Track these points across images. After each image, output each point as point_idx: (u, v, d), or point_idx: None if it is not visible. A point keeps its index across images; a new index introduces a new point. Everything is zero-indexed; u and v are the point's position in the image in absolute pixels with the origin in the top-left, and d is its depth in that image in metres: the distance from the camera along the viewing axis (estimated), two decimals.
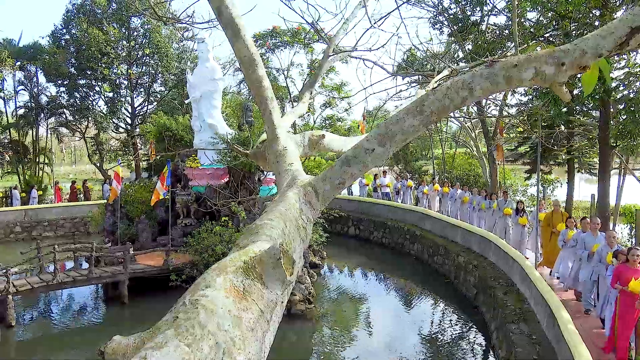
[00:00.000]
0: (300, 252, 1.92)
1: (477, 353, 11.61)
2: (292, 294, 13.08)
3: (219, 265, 1.45)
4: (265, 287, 1.44)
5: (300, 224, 1.94)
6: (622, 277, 7.54)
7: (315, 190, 2.18)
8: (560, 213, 12.77)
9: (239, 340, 1.26)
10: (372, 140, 2.19)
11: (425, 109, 2.11)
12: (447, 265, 16.56)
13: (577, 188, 23.62)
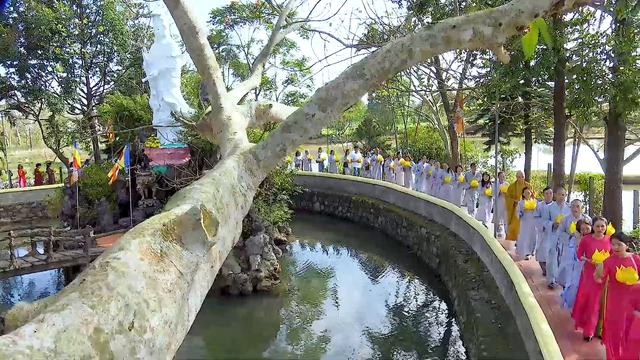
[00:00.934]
0: (238, 217, 1.89)
1: (441, 321, 11.93)
2: (257, 270, 13.12)
3: (136, 228, 1.41)
4: (185, 248, 1.41)
5: (238, 190, 1.91)
6: (588, 249, 7.43)
7: (256, 158, 2.14)
8: (524, 184, 12.67)
9: (153, 302, 1.23)
10: (312, 105, 2.16)
11: (365, 73, 2.09)
12: (411, 237, 16.85)
13: (535, 158, 24.22)
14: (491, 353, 7.70)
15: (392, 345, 10.60)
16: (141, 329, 1.17)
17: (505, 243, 12.60)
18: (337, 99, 2.12)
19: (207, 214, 1.47)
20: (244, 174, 2.03)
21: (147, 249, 1.31)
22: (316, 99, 2.17)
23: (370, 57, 2.10)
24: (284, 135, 2.17)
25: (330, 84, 2.17)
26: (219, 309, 12.62)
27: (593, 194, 16.00)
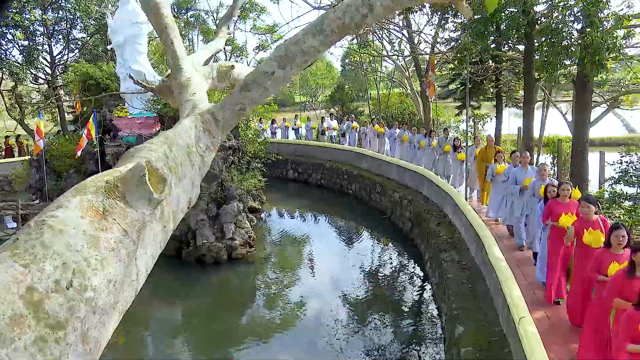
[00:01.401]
0: (194, 178, 1.85)
1: (415, 282, 12.19)
2: (232, 239, 13.12)
3: (77, 186, 1.36)
4: (129, 205, 1.37)
5: (195, 151, 1.86)
6: (553, 213, 7.36)
7: (214, 118, 2.09)
8: (494, 148, 12.58)
9: (95, 261, 1.19)
10: (271, 62, 2.10)
11: (325, 29, 2.04)
12: (384, 202, 17.02)
13: (506, 122, 24.56)
14: (462, 311, 7.91)
15: (367, 308, 10.80)
16: (81, 288, 1.13)
17: (478, 207, 12.85)
18: (297, 56, 2.06)
19: (153, 170, 1.43)
20: (202, 135, 1.98)
21: (89, 207, 1.26)
22: (275, 56, 2.11)
23: (331, 12, 2.05)
24: (242, 95, 2.11)
25: (289, 41, 2.11)
26: (195, 278, 12.64)
27: (561, 157, 16.32)
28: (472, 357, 6.62)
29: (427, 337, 9.51)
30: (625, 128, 30.01)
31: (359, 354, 8.92)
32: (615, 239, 5.57)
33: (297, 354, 9.07)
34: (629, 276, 4.96)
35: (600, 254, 5.71)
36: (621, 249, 5.59)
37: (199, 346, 9.75)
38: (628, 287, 4.90)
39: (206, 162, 1.98)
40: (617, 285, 5.04)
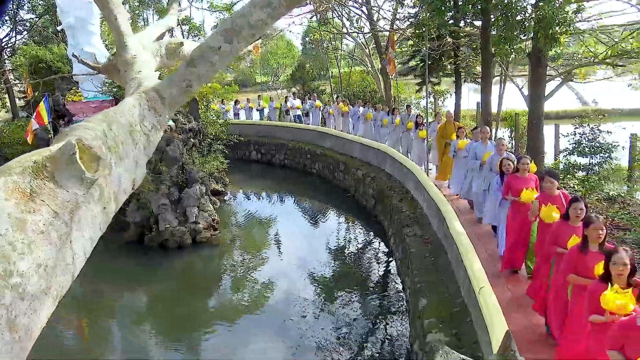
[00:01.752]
0: (139, 158, 1.78)
1: (380, 258, 12.36)
2: (195, 222, 12.97)
3: (2, 167, 1.29)
4: (59, 186, 1.31)
5: (139, 130, 1.79)
6: (513, 188, 7.36)
7: (160, 96, 2.01)
8: (453, 124, 12.72)
9: (21, 245, 1.13)
10: (217, 37, 2.03)
11: (272, 1, 1.98)
12: (348, 180, 17.10)
13: (465, 98, 24.87)
14: (424, 284, 8.07)
15: (334, 286, 10.90)
16: (6, 274, 1.07)
17: (437, 183, 13.01)
18: (244, 30, 2.00)
19: (86, 148, 1.36)
20: (147, 113, 1.90)
21: (14, 189, 1.19)
22: (221, 30, 2.04)
23: None
24: (189, 71, 2.04)
25: (236, 14, 2.04)
26: (158, 263, 12.47)
27: (518, 130, 16.70)
28: (435, 328, 6.77)
29: (392, 311, 9.69)
30: (579, 101, 30.89)
31: (328, 330, 9.02)
32: (573, 212, 5.58)
33: (266, 334, 9.11)
34: (582, 251, 4.98)
35: (559, 227, 5.72)
36: (579, 221, 5.54)
37: (165, 332, 9.67)
38: (582, 262, 4.93)
39: (152, 141, 1.92)
40: (571, 260, 5.06)
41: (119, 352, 9.17)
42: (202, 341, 9.08)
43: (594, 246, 4.95)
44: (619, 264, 4.16)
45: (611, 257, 4.22)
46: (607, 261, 4.27)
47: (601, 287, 4.22)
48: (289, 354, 8.44)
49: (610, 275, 4.22)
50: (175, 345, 9.02)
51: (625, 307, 4.00)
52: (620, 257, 4.17)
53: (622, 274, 4.16)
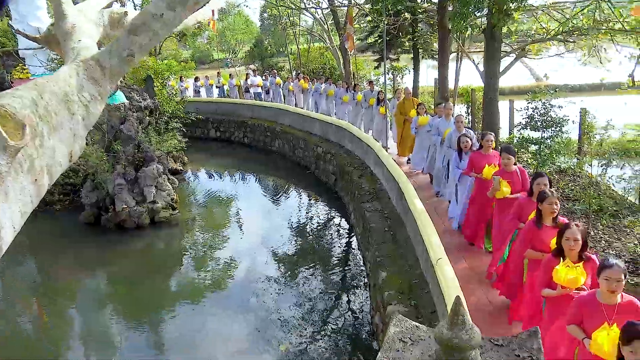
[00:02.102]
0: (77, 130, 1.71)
1: (341, 234, 12.50)
2: (153, 202, 12.76)
3: None
4: None
5: (77, 100, 1.72)
6: (476, 165, 7.38)
7: (100, 65, 1.93)
8: (412, 100, 12.65)
9: None
10: (159, 3, 1.95)
11: None
12: (308, 157, 17.11)
13: (424, 74, 25.11)
14: (384, 258, 8.23)
15: (297, 262, 10.98)
16: None
17: (397, 159, 13.17)
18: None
19: (8, 115, 1.30)
20: (86, 83, 1.83)
21: None
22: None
23: None
24: (130, 39, 1.96)
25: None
26: (117, 244, 12.24)
27: (475, 106, 17.01)
28: (395, 299, 6.94)
29: (354, 285, 9.87)
30: (533, 77, 31.67)
31: (291, 306, 9.12)
32: (537, 187, 5.59)
33: (230, 312, 9.12)
34: (537, 226, 5.05)
35: (522, 202, 5.80)
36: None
37: (127, 313, 9.54)
38: (537, 237, 5.02)
39: (92, 112, 1.84)
40: (527, 235, 5.14)
41: (80, 335, 9.01)
42: (165, 321, 9.02)
43: (548, 220, 5.03)
44: (571, 240, 4.25)
45: (563, 232, 4.31)
46: (559, 237, 4.37)
47: (554, 262, 4.32)
48: (253, 331, 8.49)
49: (562, 250, 4.32)
50: (137, 327, 8.93)
51: (575, 281, 4.11)
52: (572, 232, 4.26)
53: (574, 248, 4.26)
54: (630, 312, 3.68)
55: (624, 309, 3.68)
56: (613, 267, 3.62)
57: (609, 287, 3.63)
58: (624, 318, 3.55)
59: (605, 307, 3.70)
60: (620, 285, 3.63)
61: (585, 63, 13.76)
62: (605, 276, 3.63)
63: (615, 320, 3.62)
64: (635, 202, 9.67)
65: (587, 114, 12.28)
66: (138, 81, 17.11)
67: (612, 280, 3.61)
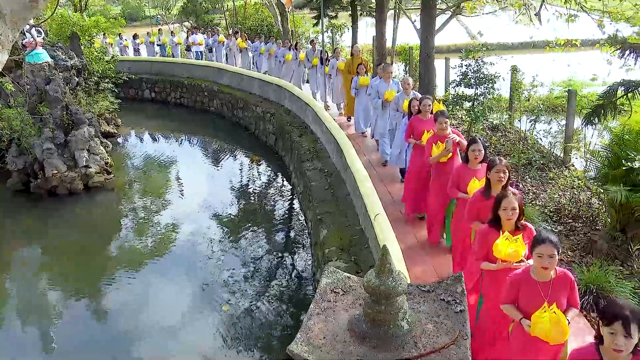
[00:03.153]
0: None
1: (283, 194, 12.53)
2: (86, 166, 12.27)
3: None
4: None
5: None
6: (415, 130, 7.16)
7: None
8: (360, 59, 12.22)
9: None
10: None
11: None
12: (247, 117, 16.87)
13: (362, 32, 25.02)
14: (325, 215, 8.35)
15: (240, 224, 10.95)
16: None
17: (343, 120, 13.07)
18: None
19: None
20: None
21: None
22: None
23: None
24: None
25: None
26: (49, 212, 11.75)
27: (412, 64, 17.22)
28: (335, 255, 7.10)
29: (297, 244, 10.00)
30: (468, 35, 32.24)
31: (235, 268, 9.15)
32: (472, 154, 5.40)
33: (172, 277, 9.04)
34: (485, 196, 4.83)
35: (459, 169, 5.60)
36: (478, 163, 5.44)
37: (65, 283, 9.26)
38: (484, 208, 4.75)
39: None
40: (474, 206, 4.93)
41: (14, 306, 8.69)
42: (106, 289, 8.83)
43: (496, 190, 4.77)
44: (509, 209, 4.09)
45: (500, 202, 4.15)
46: (496, 206, 4.19)
47: (492, 233, 4.17)
48: (196, 294, 8.48)
49: (499, 220, 4.18)
50: (76, 296, 8.70)
51: (516, 255, 3.93)
52: (509, 201, 4.10)
53: (512, 218, 4.11)
54: (565, 286, 3.61)
55: (559, 284, 3.59)
56: (545, 242, 3.46)
57: (541, 263, 3.50)
58: (560, 294, 3.56)
59: (540, 284, 3.58)
60: (554, 261, 3.49)
61: (517, 21, 14.10)
62: (538, 252, 3.50)
63: (552, 297, 3.52)
64: (560, 156, 10.23)
65: (517, 71, 12.70)
66: (63, 38, 16.11)
67: (544, 257, 3.47)
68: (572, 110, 10.01)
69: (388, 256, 2.47)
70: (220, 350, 7.14)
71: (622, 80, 6.90)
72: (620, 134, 6.86)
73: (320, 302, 2.67)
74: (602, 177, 6.84)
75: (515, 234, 4.04)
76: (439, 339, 2.52)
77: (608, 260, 6.30)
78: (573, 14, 11.20)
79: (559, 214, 7.87)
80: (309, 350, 2.46)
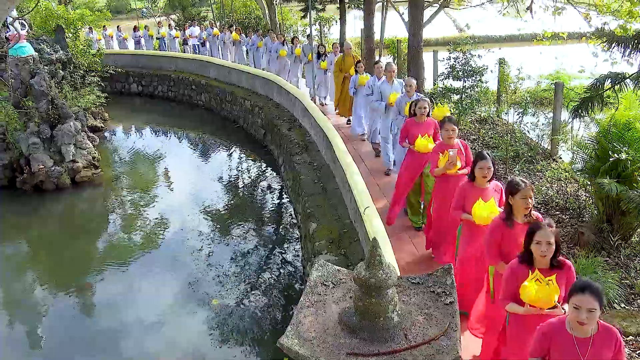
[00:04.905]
0: None
1: (273, 188, 12.49)
2: (73, 161, 12.16)
3: None
4: None
5: None
6: (410, 134, 6.68)
7: None
8: (352, 56, 11.73)
9: None
10: None
11: None
12: (236, 111, 16.79)
13: (351, 25, 24.99)
14: (315, 209, 8.35)
15: (229, 218, 10.91)
16: None
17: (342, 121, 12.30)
18: None
19: None
20: None
21: None
22: None
23: None
24: None
25: None
26: (35, 207, 11.63)
27: (400, 57, 17.23)
28: (325, 249, 7.10)
29: (286, 238, 9.98)
30: (456, 28, 32.33)
31: (224, 262, 9.12)
32: (479, 172, 4.70)
33: (161, 271, 8.99)
34: (507, 225, 4.04)
35: (463, 188, 4.87)
36: (486, 182, 4.77)
37: (52, 278, 9.17)
38: (508, 239, 4.02)
39: None
40: (495, 237, 4.12)
41: (0, 302, 8.59)
42: (93, 285, 8.76)
43: (520, 217, 4.05)
44: (543, 244, 3.38)
45: (533, 235, 3.43)
46: (528, 239, 3.48)
47: (521, 269, 3.52)
48: (184, 288, 8.45)
49: (531, 255, 3.49)
50: (63, 292, 8.62)
51: (548, 300, 3.36)
52: (545, 234, 3.38)
53: (546, 255, 3.41)
54: (609, 345, 2.92)
55: (601, 342, 2.92)
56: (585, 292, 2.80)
57: (578, 317, 2.82)
58: (602, 355, 2.90)
59: (577, 340, 2.93)
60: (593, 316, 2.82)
61: (504, 14, 14.17)
62: (575, 303, 2.83)
63: (591, 358, 2.90)
64: (547, 148, 10.31)
65: (504, 64, 12.76)
66: (48, 31, 15.89)
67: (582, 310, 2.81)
68: (560, 103, 10.08)
69: (378, 249, 2.47)
70: (210, 345, 7.13)
71: (609, 73, 6.94)
72: (607, 126, 6.92)
73: (310, 295, 2.67)
74: (589, 169, 6.90)
75: (549, 274, 3.43)
76: (429, 331, 2.54)
77: (594, 252, 6.37)
78: (560, 7, 11.27)
79: (547, 206, 7.94)
80: (300, 343, 2.46)
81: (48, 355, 7.29)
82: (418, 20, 12.23)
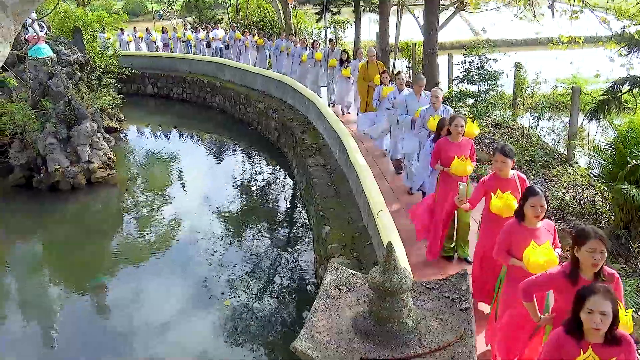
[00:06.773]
0: None
1: (286, 190, 12.52)
2: (89, 161, 12.29)
3: None
4: None
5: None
6: (443, 155, 5.87)
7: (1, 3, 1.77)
8: (376, 64, 10.83)
9: None
10: None
11: None
12: (250, 113, 16.85)
13: (365, 28, 24.94)
14: (328, 211, 8.34)
15: (242, 220, 10.95)
16: None
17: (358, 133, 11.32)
18: None
19: None
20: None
21: None
22: None
23: None
24: None
25: None
26: (51, 206, 11.76)
27: (415, 60, 17.16)
28: (338, 251, 7.09)
29: (299, 240, 9.98)
30: (471, 31, 32.15)
31: (237, 263, 9.14)
32: (531, 211, 3.95)
33: (174, 272, 9.04)
34: (571, 281, 3.32)
35: (511, 229, 4.08)
36: (538, 222, 4.03)
37: (66, 279, 9.27)
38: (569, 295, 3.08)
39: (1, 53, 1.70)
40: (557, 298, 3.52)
41: (16, 302, 8.70)
42: (107, 285, 8.83)
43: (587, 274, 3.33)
44: (596, 313, 2.80)
45: (584, 300, 2.84)
46: (577, 304, 2.89)
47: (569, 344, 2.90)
48: (197, 289, 8.48)
49: (581, 325, 2.88)
50: (77, 292, 8.70)
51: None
52: (599, 303, 2.79)
53: (600, 328, 2.80)
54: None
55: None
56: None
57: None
58: None
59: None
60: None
61: (520, 18, 14.04)
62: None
63: None
64: (563, 153, 10.20)
65: (520, 68, 12.65)
66: (66, 33, 16.11)
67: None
68: (576, 107, 9.97)
69: (393, 253, 2.46)
70: (222, 346, 7.14)
71: (628, 76, 6.86)
72: (625, 131, 6.82)
73: (324, 299, 2.66)
74: (607, 174, 6.82)
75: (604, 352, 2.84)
76: (443, 337, 2.51)
77: (611, 259, 6.28)
78: (577, 11, 11.14)
79: (563, 212, 7.85)
80: (313, 346, 2.45)
81: (60, 354, 7.35)
82: (433, 24, 12.22)
